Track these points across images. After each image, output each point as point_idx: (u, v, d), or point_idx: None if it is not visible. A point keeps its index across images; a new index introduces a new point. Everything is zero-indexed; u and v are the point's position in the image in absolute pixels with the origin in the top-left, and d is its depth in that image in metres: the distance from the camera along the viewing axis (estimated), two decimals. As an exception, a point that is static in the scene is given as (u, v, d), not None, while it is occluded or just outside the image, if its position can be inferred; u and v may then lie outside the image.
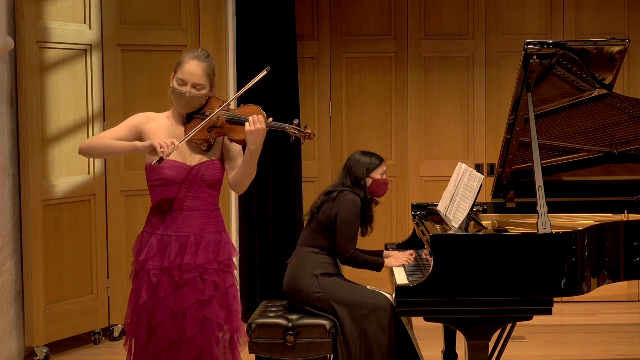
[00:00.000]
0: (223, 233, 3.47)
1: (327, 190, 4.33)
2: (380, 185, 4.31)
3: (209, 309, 3.35)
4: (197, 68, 3.39)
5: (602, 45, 4.03)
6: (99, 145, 3.40)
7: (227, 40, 5.90)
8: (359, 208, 4.18)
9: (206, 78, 3.42)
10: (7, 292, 5.11)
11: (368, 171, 4.28)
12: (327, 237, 4.19)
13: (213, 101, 3.46)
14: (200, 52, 3.46)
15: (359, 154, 4.36)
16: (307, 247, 4.23)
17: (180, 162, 3.37)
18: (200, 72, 3.40)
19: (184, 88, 3.39)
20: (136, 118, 3.49)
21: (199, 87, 3.39)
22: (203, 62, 3.41)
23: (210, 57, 3.47)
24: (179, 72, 3.42)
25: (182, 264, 3.33)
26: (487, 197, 4.97)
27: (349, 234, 4.15)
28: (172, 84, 3.45)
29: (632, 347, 5.41)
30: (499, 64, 6.55)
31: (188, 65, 3.40)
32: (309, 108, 6.55)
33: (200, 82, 3.39)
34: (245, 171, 3.41)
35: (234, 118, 3.39)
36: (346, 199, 4.19)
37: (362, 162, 4.30)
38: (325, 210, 4.20)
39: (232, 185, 3.49)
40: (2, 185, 5.05)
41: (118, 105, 5.57)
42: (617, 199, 4.50)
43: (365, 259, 4.20)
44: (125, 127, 3.45)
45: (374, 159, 4.33)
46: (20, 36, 5.07)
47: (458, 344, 4.54)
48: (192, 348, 3.33)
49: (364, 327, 3.98)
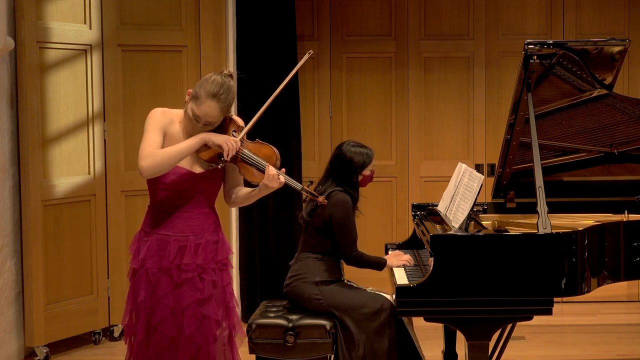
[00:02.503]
0: (220, 233, 3.49)
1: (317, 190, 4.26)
2: (367, 180, 4.24)
3: (207, 306, 3.36)
4: (214, 110, 3.30)
5: (602, 45, 4.03)
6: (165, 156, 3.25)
7: (227, 40, 5.89)
8: (350, 206, 4.11)
9: (222, 115, 3.35)
10: (7, 292, 5.11)
11: (361, 168, 4.17)
12: (326, 240, 4.13)
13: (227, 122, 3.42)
14: (221, 91, 3.30)
15: (351, 145, 4.19)
16: (309, 252, 4.18)
17: (186, 169, 3.36)
18: (217, 112, 3.31)
19: (197, 122, 3.32)
20: (159, 119, 3.36)
21: (213, 123, 3.34)
22: (221, 102, 3.30)
23: (231, 89, 3.33)
24: (194, 106, 3.30)
25: (181, 264, 3.34)
26: (487, 197, 4.97)
27: (349, 236, 4.10)
28: (187, 105, 3.34)
29: (632, 347, 5.41)
30: (499, 64, 6.55)
31: (205, 105, 3.28)
32: (309, 108, 6.55)
33: (214, 120, 3.33)
34: (246, 201, 3.52)
35: (250, 160, 3.39)
36: (336, 200, 4.09)
37: (355, 161, 4.15)
38: (317, 214, 4.14)
39: (227, 202, 3.55)
40: (2, 185, 5.05)
41: (118, 105, 5.57)
42: (617, 199, 4.50)
43: (369, 258, 4.17)
44: (157, 132, 3.32)
45: (365, 157, 4.18)
46: (20, 36, 5.07)
47: (458, 344, 4.54)
48: (190, 345, 3.34)
49: (366, 329, 3.97)
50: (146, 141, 3.29)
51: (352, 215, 4.12)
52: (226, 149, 3.27)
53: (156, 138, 3.30)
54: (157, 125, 3.34)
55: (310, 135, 6.56)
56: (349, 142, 4.24)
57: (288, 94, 6.16)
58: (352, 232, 4.12)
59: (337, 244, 4.12)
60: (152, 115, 3.37)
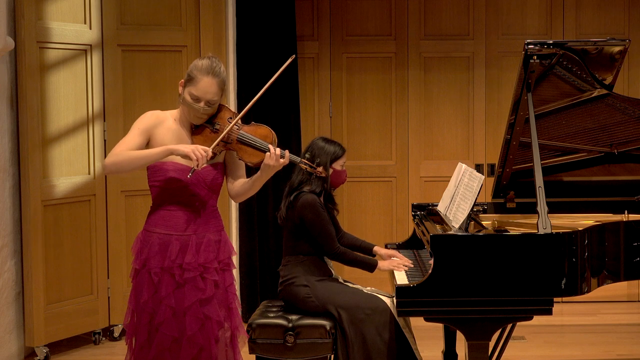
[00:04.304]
0: (222, 232, 3.49)
1: (288, 185, 4.24)
2: (340, 176, 4.25)
3: (209, 307, 3.36)
4: (212, 85, 3.31)
5: (602, 45, 4.03)
6: (126, 158, 3.24)
7: (227, 40, 5.90)
8: (318, 205, 4.11)
9: (220, 92, 3.35)
10: (7, 292, 5.11)
11: (331, 161, 4.19)
12: (303, 240, 4.15)
13: (222, 110, 3.41)
14: (214, 64, 3.33)
15: (321, 140, 4.23)
16: (290, 255, 4.20)
17: (185, 165, 3.35)
18: (215, 88, 3.32)
19: (197, 104, 3.32)
20: (145, 121, 3.39)
21: (213, 102, 3.34)
22: (217, 77, 3.32)
23: (221, 65, 3.37)
24: (192, 88, 3.31)
25: (183, 263, 3.34)
26: (487, 197, 4.97)
27: (324, 234, 4.10)
28: (182, 94, 3.35)
29: (632, 347, 5.41)
30: (499, 64, 6.55)
31: (202, 82, 3.30)
32: (309, 108, 6.55)
33: (215, 97, 3.33)
34: (251, 188, 3.46)
35: (247, 140, 3.36)
36: (303, 202, 4.11)
37: (326, 150, 4.18)
38: (288, 217, 4.17)
39: (232, 196, 3.52)
40: (2, 185, 5.05)
41: (118, 105, 5.57)
42: (617, 199, 4.50)
43: (355, 257, 4.17)
44: (137, 133, 3.34)
45: (337, 148, 4.21)
46: (20, 36, 5.07)
47: (458, 344, 4.54)
48: (192, 346, 3.34)
49: (362, 330, 3.96)
50: (121, 141, 3.34)
51: (323, 213, 4.13)
52: (194, 158, 3.19)
53: (133, 139, 3.31)
54: (140, 127, 3.36)
55: (310, 135, 6.55)
56: (320, 137, 4.28)
57: (288, 94, 6.17)
58: (326, 229, 4.11)
59: (315, 243, 4.13)
60: (140, 117, 3.41)
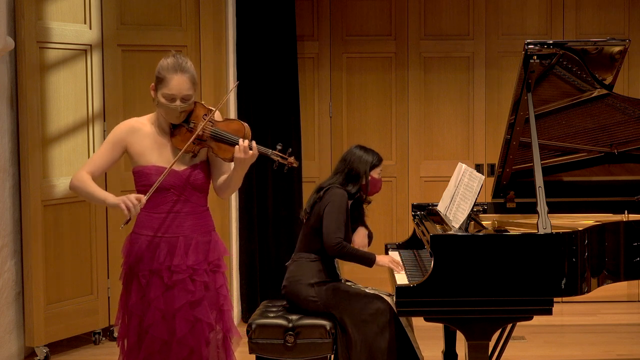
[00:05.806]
0: (212, 233, 3.45)
1: (318, 186, 4.27)
2: (376, 184, 4.28)
3: (199, 309, 3.33)
4: (183, 82, 3.29)
5: (602, 45, 4.03)
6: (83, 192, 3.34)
7: (227, 40, 5.90)
8: (346, 201, 4.12)
9: (193, 87, 3.34)
10: (7, 292, 5.11)
11: (370, 169, 4.23)
12: (320, 239, 4.14)
13: (198, 108, 3.39)
14: (179, 61, 3.32)
15: (358, 149, 4.28)
16: (303, 252, 4.19)
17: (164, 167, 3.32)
18: (187, 84, 3.30)
19: (173, 104, 3.30)
20: (118, 133, 3.38)
21: (188, 96, 3.32)
22: (186, 72, 3.31)
23: (187, 60, 3.36)
24: (164, 89, 3.30)
25: (171, 266, 3.32)
26: (487, 197, 4.97)
27: (333, 223, 4.07)
28: (156, 98, 3.33)
29: (632, 347, 5.41)
30: (499, 64, 6.55)
31: (173, 81, 3.28)
32: (309, 108, 6.55)
33: (189, 92, 3.31)
34: (231, 182, 3.41)
35: (219, 135, 3.34)
36: (333, 193, 4.13)
37: (364, 159, 4.23)
38: (315, 210, 4.16)
39: (217, 192, 3.48)
40: (2, 185, 5.05)
41: (118, 105, 5.57)
42: (617, 199, 4.50)
43: (355, 251, 4.13)
44: (108, 148, 3.36)
45: (375, 157, 4.27)
46: (20, 36, 5.06)
47: (458, 344, 4.54)
48: (183, 348, 3.32)
49: (364, 331, 3.96)
50: (90, 158, 3.45)
51: (345, 210, 4.12)
52: (123, 207, 3.18)
53: (101, 157, 3.37)
54: (110, 140, 3.38)
55: (310, 135, 6.56)
56: (356, 145, 4.32)
57: (288, 94, 6.17)
58: (338, 221, 4.08)
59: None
60: (113, 130, 3.42)
